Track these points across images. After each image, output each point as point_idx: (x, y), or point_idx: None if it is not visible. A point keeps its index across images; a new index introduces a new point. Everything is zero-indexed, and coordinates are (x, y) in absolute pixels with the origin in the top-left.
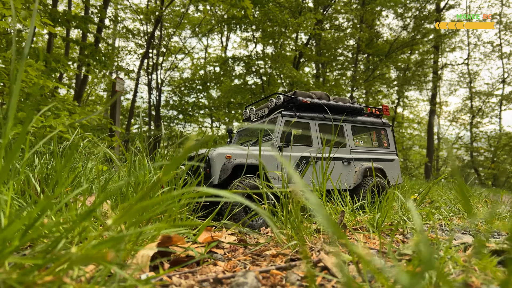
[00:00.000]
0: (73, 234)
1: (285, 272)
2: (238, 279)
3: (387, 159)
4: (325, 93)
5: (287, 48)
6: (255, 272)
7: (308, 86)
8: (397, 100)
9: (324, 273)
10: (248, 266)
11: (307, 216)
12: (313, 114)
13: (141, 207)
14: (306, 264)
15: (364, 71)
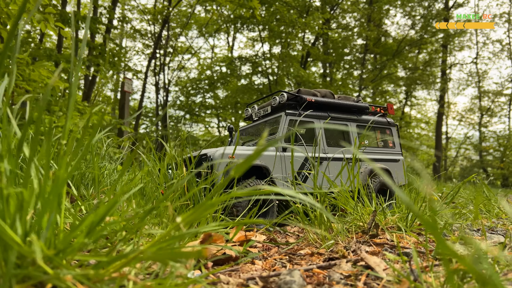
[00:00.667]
0: (131, 232)
1: (326, 271)
2: (285, 277)
3: (392, 160)
4: (329, 91)
5: (294, 48)
6: (300, 271)
7: (315, 86)
8: (404, 99)
9: (368, 272)
10: (287, 265)
11: (337, 216)
12: (317, 113)
13: (208, 206)
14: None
15: (371, 71)
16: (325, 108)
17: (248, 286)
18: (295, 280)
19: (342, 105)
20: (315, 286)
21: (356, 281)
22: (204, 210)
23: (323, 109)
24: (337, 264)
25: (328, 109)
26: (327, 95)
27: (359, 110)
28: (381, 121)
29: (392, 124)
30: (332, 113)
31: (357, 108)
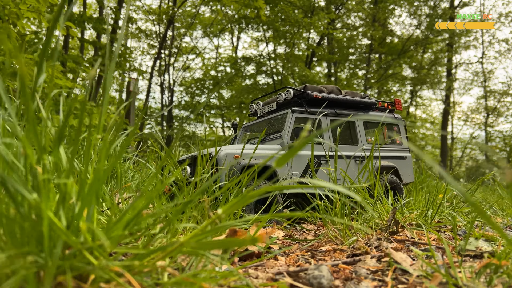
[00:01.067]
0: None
1: (351, 266)
2: (313, 272)
3: (400, 157)
4: (336, 87)
5: (299, 47)
6: (327, 266)
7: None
8: (409, 99)
9: (394, 267)
10: (311, 261)
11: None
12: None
13: (247, 198)
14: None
15: (377, 70)
16: (332, 105)
17: (278, 280)
18: (323, 275)
19: (350, 102)
20: (343, 281)
21: (384, 276)
22: (244, 203)
23: (330, 106)
24: (361, 260)
25: (335, 106)
26: (334, 91)
27: (366, 106)
28: (388, 117)
29: (400, 120)
30: (339, 110)
31: (364, 104)
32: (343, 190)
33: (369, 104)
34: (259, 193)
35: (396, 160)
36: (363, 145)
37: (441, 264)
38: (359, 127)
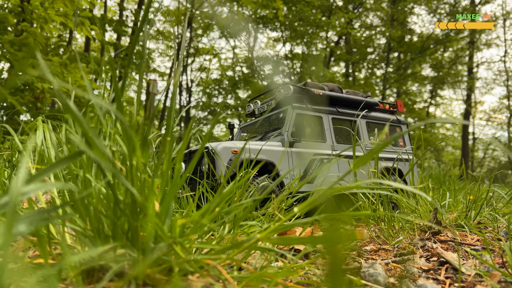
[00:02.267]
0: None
1: (401, 265)
2: (368, 270)
3: (403, 159)
4: (337, 85)
5: (317, 47)
6: (381, 264)
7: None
8: (429, 99)
9: (446, 266)
10: (360, 260)
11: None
12: (326, 108)
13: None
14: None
15: (396, 70)
16: (333, 103)
17: None
18: (379, 273)
19: (351, 100)
20: (398, 279)
21: (436, 275)
22: (317, 202)
23: (331, 104)
24: (410, 259)
25: (337, 104)
26: (335, 89)
27: (368, 106)
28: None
29: (402, 122)
30: (341, 108)
31: (366, 103)
32: (413, 190)
33: (370, 104)
34: (338, 191)
35: (400, 162)
36: (366, 145)
37: (497, 264)
38: (361, 127)
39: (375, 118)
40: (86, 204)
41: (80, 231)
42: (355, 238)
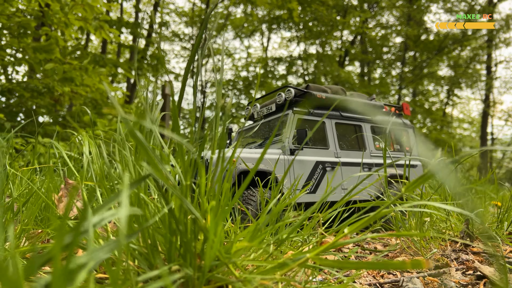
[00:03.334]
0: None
1: (437, 279)
2: (408, 285)
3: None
4: (341, 88)
5: (332, 47)
6: (419, 278)
7: (353, 85)
8: (446, 99)
9: (484, 281)
10: (396, 273)
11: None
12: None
13: (380, 215)
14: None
15: (412, 70)
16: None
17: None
18: (418, 287)
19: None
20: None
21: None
22: (369, 222)
23: (334, 108)
24: (445, 272)
25: (340, 108)
26: (339, 92)
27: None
28: (396, 122)
29: (408, 125)
30: (345, 112)
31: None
32: (452, 208)
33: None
34: (389, 211)
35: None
36: (371, 151)
37: None
38: (366, 132)
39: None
40: (145, 228)
41: (140, 252)
42: (421, 267)
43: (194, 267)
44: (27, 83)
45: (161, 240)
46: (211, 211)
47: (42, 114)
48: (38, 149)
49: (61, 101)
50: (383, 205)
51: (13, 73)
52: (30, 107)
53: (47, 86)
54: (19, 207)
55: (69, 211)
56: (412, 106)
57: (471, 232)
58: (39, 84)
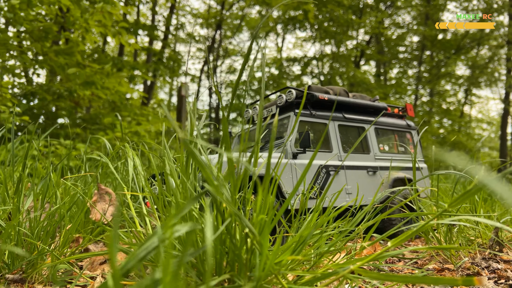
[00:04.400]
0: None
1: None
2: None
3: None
4: (343, 89)
5: (347, 47)
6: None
7: (369, 86)
8: (464, 99)
9: None
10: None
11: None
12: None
13: (423, 228)
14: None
15: (429, 70)
16: (339, 108)
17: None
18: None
19: (359, 105)
20: None
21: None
22: (416, 233)
23: (337, 109)
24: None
25: (343, 109)
26: (341, 93)
27: (376, 111)
28: (400, 123)
29: (413, 127)
30: (348, 114)
31: (374, 108)
32: (492, 223)
33: (379, 109)
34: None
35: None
36: (375, 154)
37: None
38: (370, 134)
39: (384, 124)
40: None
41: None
42: (473, 284)
43: (245, 277)
44: (50, 86)
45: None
46: (261, 225)
47: (62, 116)
48: (60, 151)
49: (80, 103)
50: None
51: (34, 76)
52: (50, 109)
53: (68, 89)
54: (63, 214)
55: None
56: (429, 107)
57: (500, 240)
58: (61, 88)
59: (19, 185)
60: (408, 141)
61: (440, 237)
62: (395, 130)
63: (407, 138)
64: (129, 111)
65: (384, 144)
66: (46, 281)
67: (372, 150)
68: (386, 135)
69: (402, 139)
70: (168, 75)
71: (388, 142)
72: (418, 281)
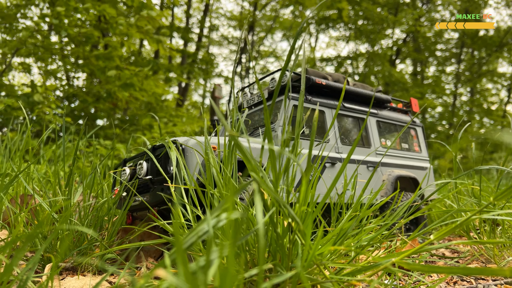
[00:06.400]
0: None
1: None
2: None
3: (419, 167)
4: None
5: (382, 46)
6: (497, 286)
7: (405, 85)
8: (506, 98)
9: None
10: (470, 280)
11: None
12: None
13: (467, 222)
14: None
15: (469, 67)
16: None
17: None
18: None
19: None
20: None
21: None
22: (459, 227)
23: (336, 97)
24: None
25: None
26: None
27: (379, 103)
28: (405, 119)
29: (417, 124)
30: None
31: (376, 99)
32: None
33: (382, 100)
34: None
35: (415, 170)
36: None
37: None
38: (371, 127)
39: (387, 117)
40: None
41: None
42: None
43: (287, 267)
44: (90, 89)
45: (251, 242)
46: (303, 216)
47: (101, 117)
48: (100, 151)
49: (119, 105)
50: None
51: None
52: (89, 110)
53: (107, 92)
54: (110, 206)
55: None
56: (469, 106)
57: None
58: (101, 90)
59: (69, 180)
60: (412, 138)
61: (482, 237)
62: (398, 125)
63: (411, 134)
64: (165, 112)
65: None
66: (95, 269)
67: (373, 144)
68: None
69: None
70: (202, 77)
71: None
72: (464, 272)
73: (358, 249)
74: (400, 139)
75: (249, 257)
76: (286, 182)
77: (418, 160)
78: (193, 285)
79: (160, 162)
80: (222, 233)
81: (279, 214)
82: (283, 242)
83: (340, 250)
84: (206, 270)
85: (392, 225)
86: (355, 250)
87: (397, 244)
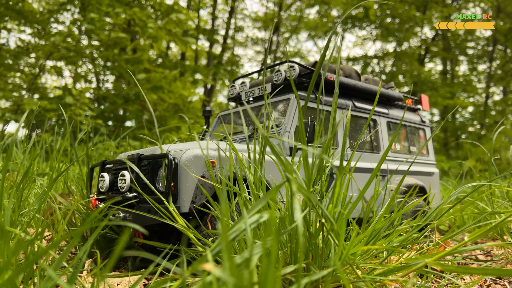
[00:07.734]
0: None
1: None
2: None
3: (426, 172)
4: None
5: (410, 45)
6: None
7: (435, 85)
8: None
9: None
10: (504, 283)
11: None
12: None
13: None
14: None
15: (502, 65)
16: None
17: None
18: None
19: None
20: None
21: None
22: (494, 229)
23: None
24: None
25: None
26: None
27: (389, 100)
28: (414, 118)
29: (426, 124)
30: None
31: (387, 97)
32: None
33: (393, 98)
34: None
35: (422, 177)
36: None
37: None
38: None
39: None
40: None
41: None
42: None
43: (320, 266)
44: (119, 91)
45: (283, 241)
46: (336, 217)
47: (130, 119)
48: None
49: (147, 107)
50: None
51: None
52: (118, 112)
53: (137, 94)
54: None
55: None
56: (502, 106)
57: None
58: (130, 92)
59: None
60: (419, 139)
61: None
62: (408, 125)
63: (420, 135)
64: (191, 113)
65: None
66: (131, 267)
67: (383, 148)
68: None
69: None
70: (228, 78)
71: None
72: (499, 274)
73: (391, 249)
74: (409, 142)
75: (282, 255)
76: (321, 183)
77: (426, 165)
78: (238, 279)
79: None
80: (254, 233)
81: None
82: (316, 242)
83: (373, 250)
84: (249, 264)
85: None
86: (387, 250)
87: (429, 246)
